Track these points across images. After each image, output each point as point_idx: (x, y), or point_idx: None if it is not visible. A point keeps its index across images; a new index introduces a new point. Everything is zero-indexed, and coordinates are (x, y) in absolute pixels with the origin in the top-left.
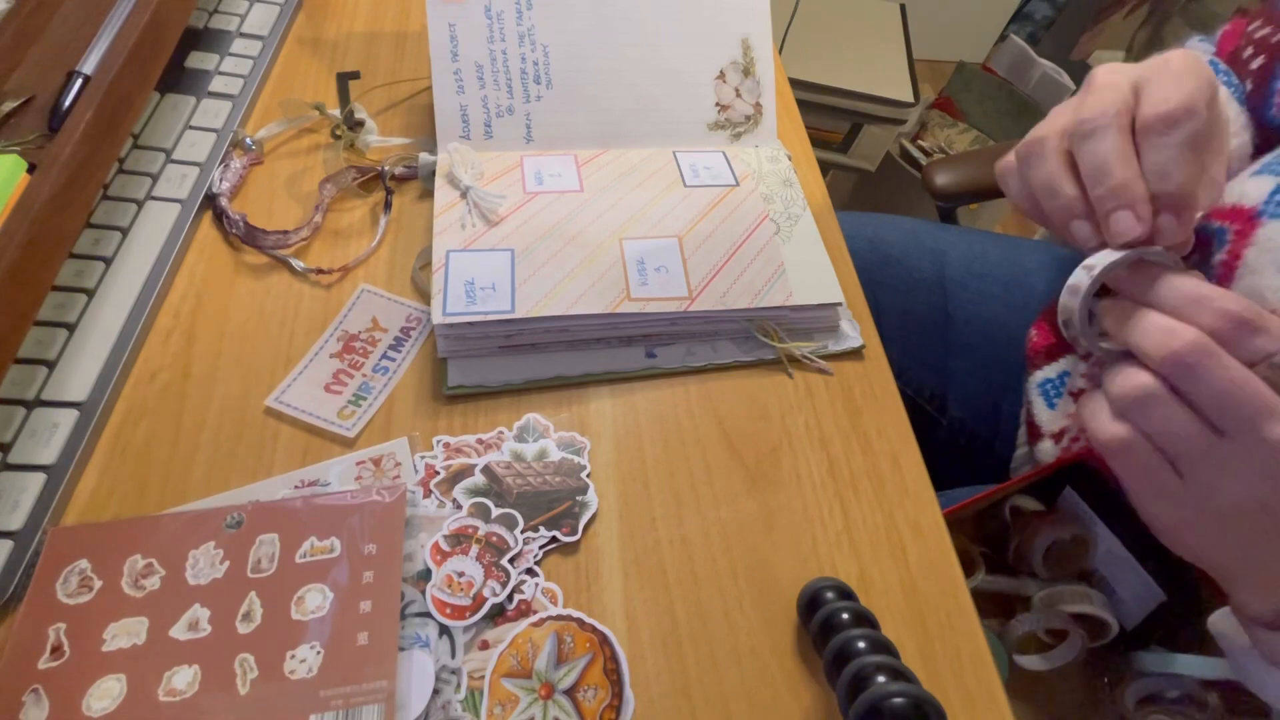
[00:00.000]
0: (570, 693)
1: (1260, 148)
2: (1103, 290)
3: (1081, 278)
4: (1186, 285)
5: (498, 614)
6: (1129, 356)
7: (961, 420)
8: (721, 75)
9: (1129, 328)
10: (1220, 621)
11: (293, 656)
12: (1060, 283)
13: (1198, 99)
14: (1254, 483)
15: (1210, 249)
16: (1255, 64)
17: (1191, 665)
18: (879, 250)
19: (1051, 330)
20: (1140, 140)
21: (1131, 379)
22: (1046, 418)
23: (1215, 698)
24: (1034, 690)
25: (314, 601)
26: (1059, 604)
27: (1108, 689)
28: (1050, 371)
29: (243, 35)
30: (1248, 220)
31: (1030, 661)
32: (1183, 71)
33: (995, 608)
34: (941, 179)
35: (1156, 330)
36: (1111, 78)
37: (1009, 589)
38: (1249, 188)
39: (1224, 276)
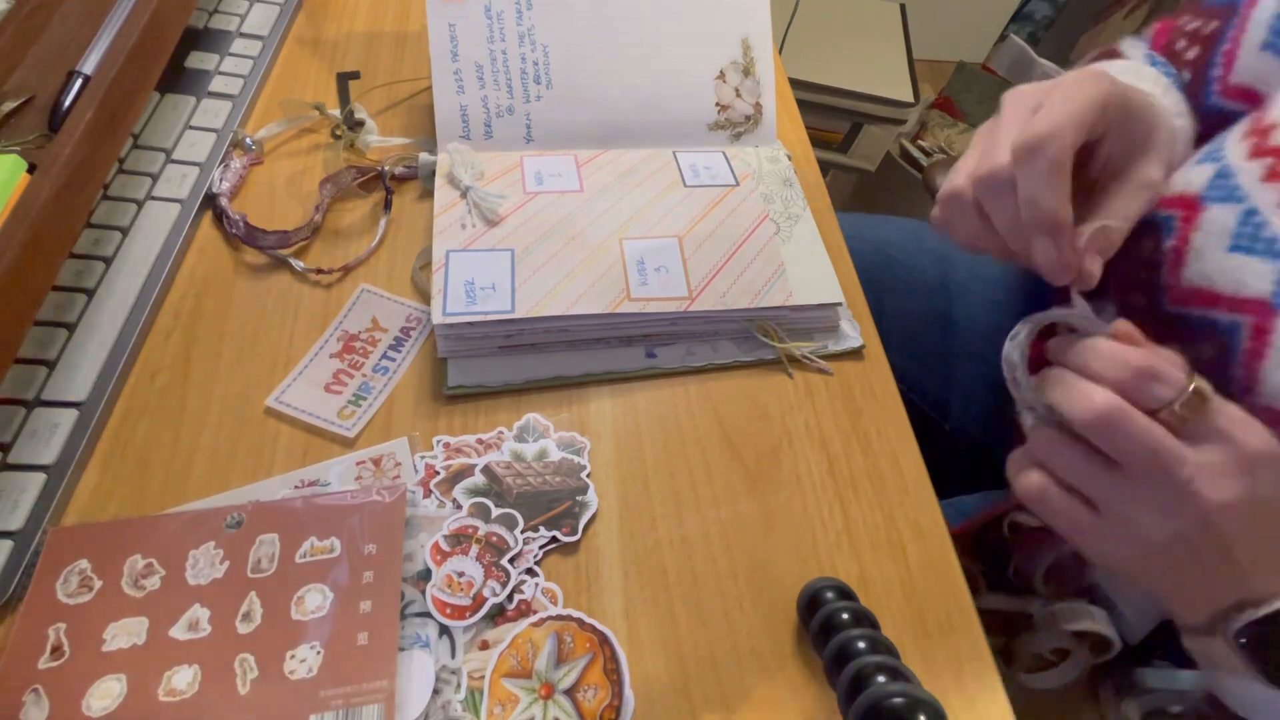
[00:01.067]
0: (570, 693)
1: (1203, 135)
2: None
3: (1009, 346)
4: (1099, 345)
5: (498, 614)
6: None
7: (964, 426)
8: (721, 75)
9: (1051, 390)
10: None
11: (293, 656)
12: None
13: (1064, 121)
14: (1167, 519)
15: (1160, 237)
16: (1190, 55)
17: (1194, 681)
18: (882, 251)
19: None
20: (1014, 168)
21: (1042, 432)
22: None
23: (1220, 712)
24: (1039, 709)
25: (314, 601)
26: (1061, 622)
27: (1114, 704)
28: None
29: (243, 35)
30: (1192, 206)
31: (1034, 680)
32: (1068, 95)
33: (997, 626)
34: (943, 179)
35: (1074, 393)
36: (1015, 111)
37: (1010, 607)
38: (1192, 175)
39: (1174, 263)
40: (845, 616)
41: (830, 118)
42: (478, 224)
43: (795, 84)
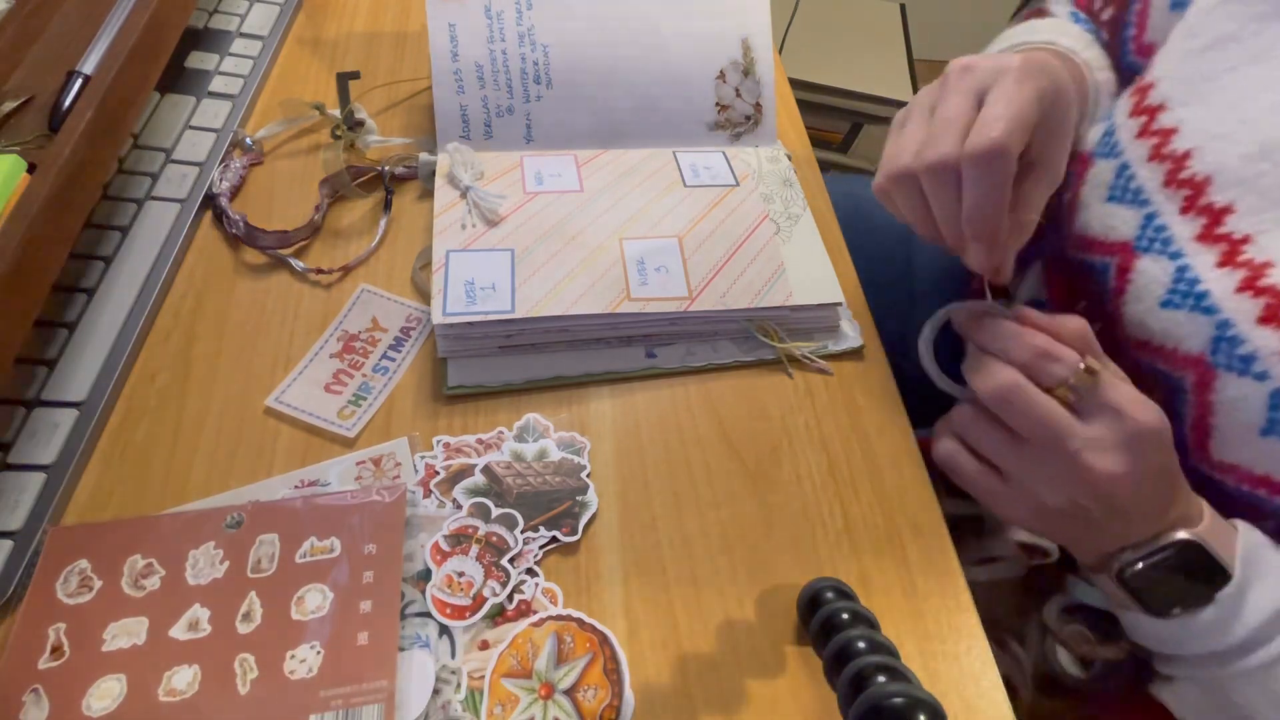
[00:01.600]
0: (570, 693)
1: (1122, 88)
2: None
3: (920, 342)
4: (1005, 327)
5: (498, 614)
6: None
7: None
8: (721, 75)
9: (966, 366)
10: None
11: (293, 656)
12: None
13: (1013, 129)
14: (1061, 488)
15: (1062, 190)
16: (1106, 15)
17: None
18: (858, 207)
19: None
20: (962, 168)
21: (962, 407)
22: None
23: None
24: (975, 598)
25: (314, 601)
26: (1006, 533)
27: (1037, 600)
28: None
29: (243, 35)
30: (1084, 162)
31: (977, 572)
32: (1012, 96)
33: (951, 526)
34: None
35: (982, 370)
36: (960, 89)
37: (964, 511)
38: (1091, 134)
39: (1070, 212)
40: (845, 616)
41: (830, 118)
42: (478, 224)
43: (795, 84)
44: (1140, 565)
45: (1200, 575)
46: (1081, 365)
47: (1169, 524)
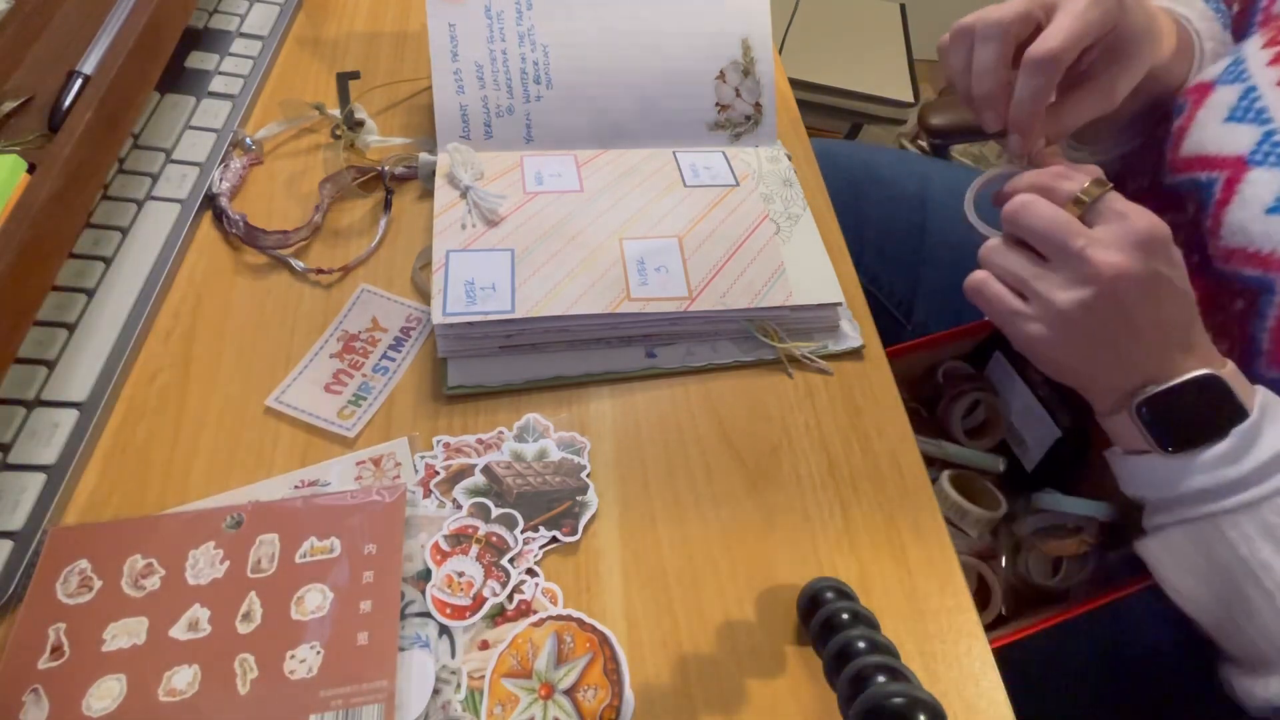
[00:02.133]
0: (570, 693)
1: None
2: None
3: (966, 200)
4: (1030, 171)
5: (498, 614)
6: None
7: (924, 324)
8: (721, 75)
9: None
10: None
11: (293, 656)
12: None
13: (1068, 47)
14: (1074, 290)
15: (1171, 119)
16: None
17: (1076, 505)
18: (870, 170)
19: None
20: (1019, 67)
21: (990, 241)
22: None
23: (1094, 528)
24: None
25: (314, 601)
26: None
27: (1018, 522)
28: None
29: (243, 35)
30: (1204, 90)
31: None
32: (1085, 8)
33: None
34: (936, 119)
35: (1009, 199)
36: None
37: (927, 450)
38: (1214, 67)
39: (1179, 138)
40: (845, 616)
41: (830, 118)
42: (478, 224)
43: (795, 84)
44: (1158, 392)
45: (1217, 411)
46: (1086, 182)
47: (1189, 363)
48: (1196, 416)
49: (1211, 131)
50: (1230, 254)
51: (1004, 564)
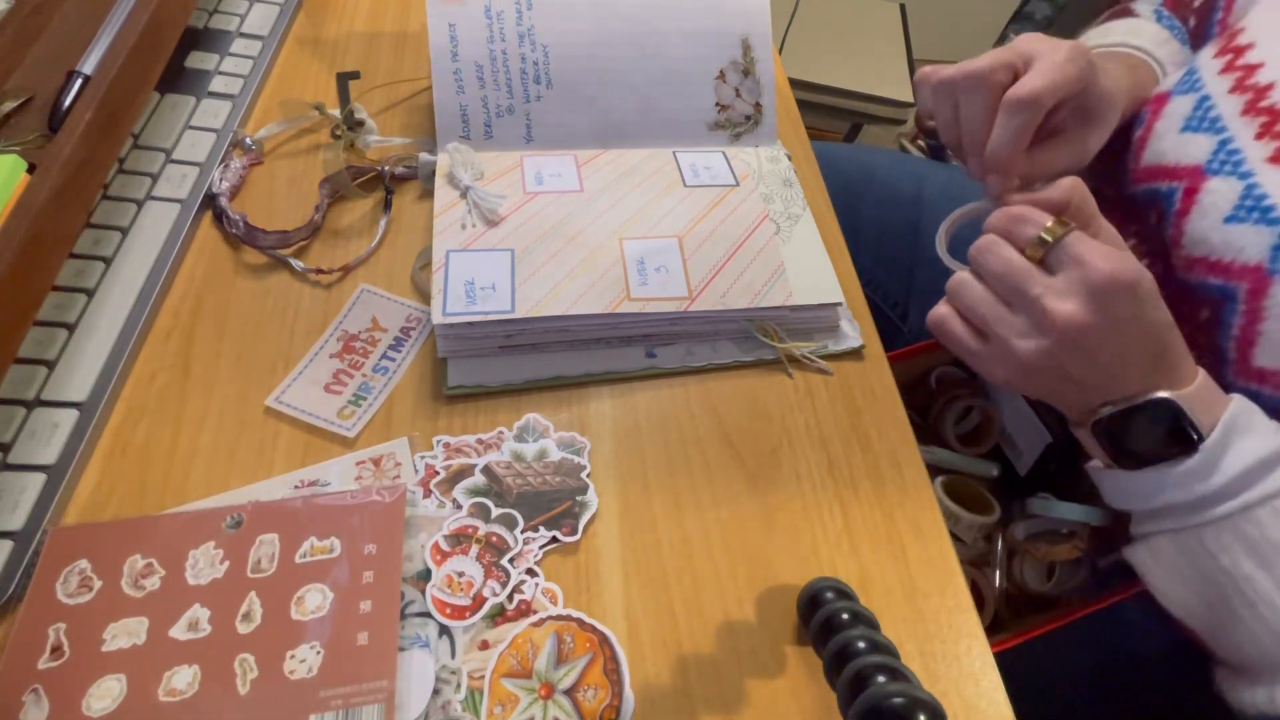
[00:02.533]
0: (570, 693)
1: None
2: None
3: (938, 240)
4: (997, 214)
5: (498, 614)
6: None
7: (921, 327)
8: (721, 75)
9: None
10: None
11: (293, 656)
12: None
13: (1047, 91)
14: (1031, 339)
15: (1132, 129)
16: (1198, 2)
17: (1069, 510)
18: (866, 170)
19: None
20: (999, 110)
21: (955, 277)
22: None
23: (1087, 532)
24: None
25: (314, 601)
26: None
27: (1001, 526)
28: None
29: (243, 35)
30: (1161, 100)
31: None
32: (1062, 62)
33: None
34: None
35: (976, 242)
36: (1019, 45)
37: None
38: (1169, 79)
39: (1139, 148)
40: (845, 616)
41: (830, 118)
42: (478, 224)
43: (795, 84)
44: (1113, 413)
45: (1171, 433)
46: (1048, 222)
47: (1152, 383)
48: (1151, 437)
49: (1169, 142)
50: (1192, 263)
51: (998, 569)
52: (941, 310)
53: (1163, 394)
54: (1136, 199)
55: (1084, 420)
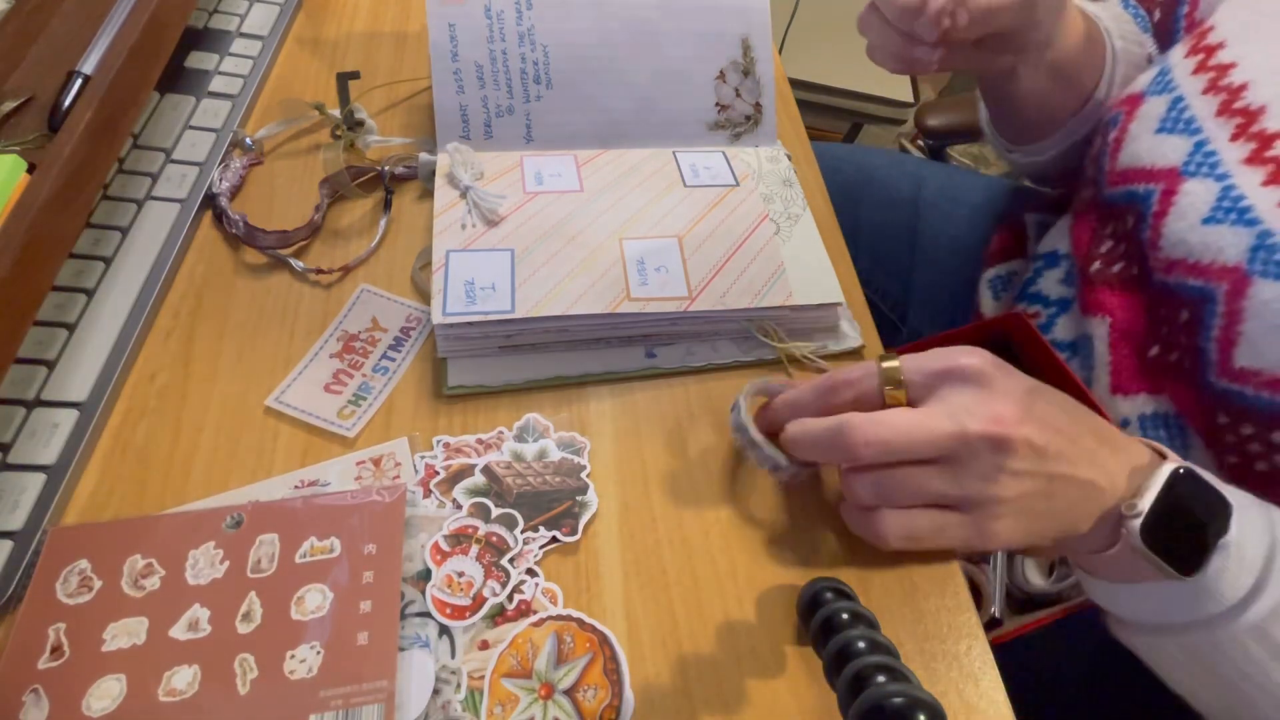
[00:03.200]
0: (570, 693)
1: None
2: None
3: (733, 417)
4: (795, 392)
5: (498, 614)
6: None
7: (918, 328)
8: (721, 75)
9: (789, 441)
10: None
11: (293, 656)
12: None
13: None
14: (988, 468)
15: (1106, 131)
16: None
17: None
18: (864, 171)
19: (1009, 236)
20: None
21: (847, 481)
22: (990, 308)
23: None
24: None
25: (314, 601)
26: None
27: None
28: (1001, 270)
29: (243, 35)
30: (1134, 101)
31: None
32: None
33: None
34: (933, 120)
35: (801, 432)
36: None
37: None
38: (1142, 77)
39: (1115, 150)
40: (845, 616)
41: (830, 118)
42: (478, 224)
43: (795, 84)
44: (1147, 503)
45: (1204, 507)
46: (878, 364)
47: (1141, 464)
48: (1190, 519)
49: (1145, 143)
50: (1171, 265)
51: (998, 567)
52: (894, 522)
53: (1170, 465)
54: (1113, 201)
55: (1109, 538)
